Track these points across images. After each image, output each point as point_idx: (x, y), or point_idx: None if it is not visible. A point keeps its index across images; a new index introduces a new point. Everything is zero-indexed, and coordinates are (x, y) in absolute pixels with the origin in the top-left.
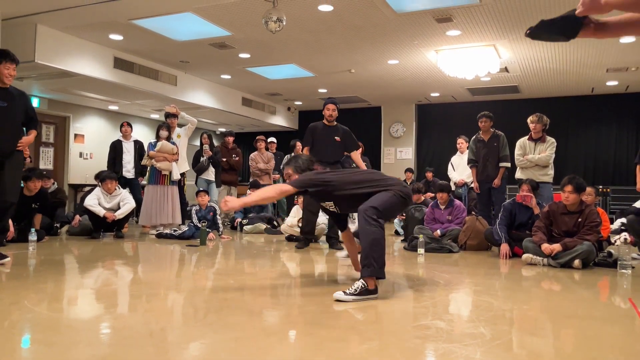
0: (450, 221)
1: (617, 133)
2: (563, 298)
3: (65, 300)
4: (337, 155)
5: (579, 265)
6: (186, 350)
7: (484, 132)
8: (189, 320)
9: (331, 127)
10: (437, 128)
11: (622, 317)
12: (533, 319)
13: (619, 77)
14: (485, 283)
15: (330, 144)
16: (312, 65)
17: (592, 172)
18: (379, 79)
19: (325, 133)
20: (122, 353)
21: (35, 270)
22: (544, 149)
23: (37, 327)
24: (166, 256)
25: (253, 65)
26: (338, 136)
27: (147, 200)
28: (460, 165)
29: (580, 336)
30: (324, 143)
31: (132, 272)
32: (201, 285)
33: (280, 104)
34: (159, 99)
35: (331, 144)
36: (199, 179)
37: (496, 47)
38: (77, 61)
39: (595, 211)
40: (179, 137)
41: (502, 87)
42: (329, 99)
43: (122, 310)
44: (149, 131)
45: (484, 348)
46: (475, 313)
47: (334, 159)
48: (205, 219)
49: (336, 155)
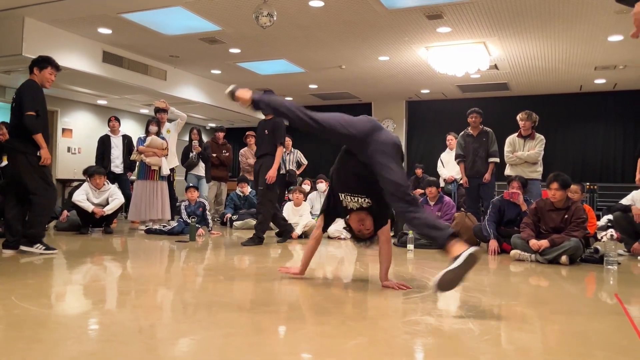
0: (440, 217)
1: (605, 130)
2: (550, 294)
3: (53, 296)
4: (264, 148)
5: (566, 261)
6: (175, 346)
7: (473, 127)
8: (178, 317)
9: (265, 121)
10: (427, 125)
11: (608, 313)
12: (521, 315)
13: (607, 75)
14: (473, 279)
15: (261, 138)
16: (303, 61)
17: (579, 169)
18: (370, 75)
19: (261, 127)
20: (110, 349)
21: (22, 266)
22: (533, 146)
23: (25, 323)
24: (155, 252)
25: (243, 61)
26: (267, 129)
27: (136, 196)
28: (449, 161)
29: (567, 331)
30: (260, 138)
31: (121, 268)
32: (191, 281)
33: None
34: (149, 94)
35: (261, 137)
36: (189, 175)
37: (486, 44)
38: (65, 55)
39: (582, 208)
40: (168, 132)
41: (492, 84)
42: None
43: (110, 306)
44: (138, 126)
45: (473, 343)
46: (464, 309)
47: (260, 153)
48: (194, 214)
49: (263, 148)
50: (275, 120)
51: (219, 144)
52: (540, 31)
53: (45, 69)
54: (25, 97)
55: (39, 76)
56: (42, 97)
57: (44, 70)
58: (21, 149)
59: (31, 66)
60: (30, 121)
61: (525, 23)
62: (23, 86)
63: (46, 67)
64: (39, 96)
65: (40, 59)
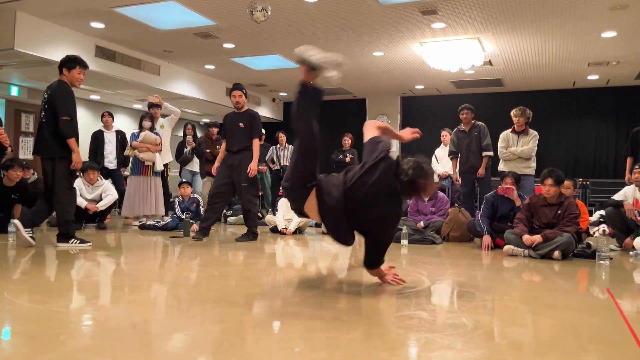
0: (434, 213)
1: (598, 126)
2: (543, 289)
3: (46, 291)
4: (241, 142)
5: (559, 256)
6: (170, 341)
7: (465, 123)
8: (172, 312)
9: (239, 114)
10: (422, 120)
11: (600, 308)
12: (514, 310)
13: (600, 71)
14: (467, 274)
15: (236, 132)
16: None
17: (572, 164)
18: (364, 70)
19: (233, 120)
20: (105, 345)
21: (15, 262)
22: (526, 142)
23: (18, 319)
24: (149, 248)
25: (237, 56)
26: (243, 122)
27: (129, 191)
28: (444, 157)
29: (559, 326)
30: (231, 131)
31: (114, 264)
32: (185, 277)
33: (265, 95)
34: (142, 89)
35: (237, 131)
36: (183, 170)
37: (480, 40)
38: (57, 49)
39: (574, 203)
40: (162, 128)
41: (486, 80)
42: (234, 85)
43: (104, 301)
44: (131, 121)
45: (466, 338)
46: (457, 303)
47: (237, 147)
48: (188, 210)
49: (240, 143)
50: (251, 112)
51: (213, 139)
52: (534, 27)
53: (74, 68)
54: (59, 101)
55: (68, 76)
56: (74, 100)
57: (72, 70)
58: (56, 152)
59: (60, 67)
60: (65, 126)
61: (520, 19)
62: (55, 89)
63: (74, 67)
64: (72, 100)
65: (68, 59)
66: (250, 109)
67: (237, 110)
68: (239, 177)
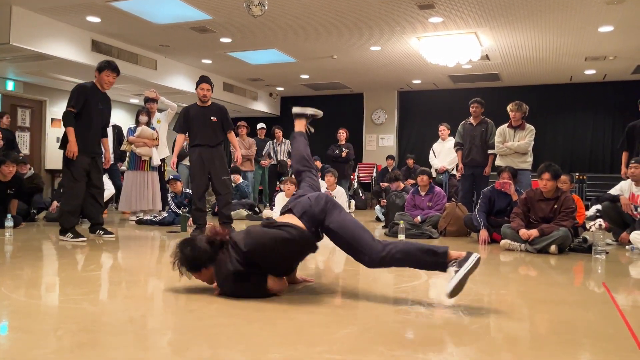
0: (431, 207)
1: (594, 121)
2: (539, 283)
3: (43, 286)
4: (217, 137)
5: (555, 250)
6: (167, 336)
7: (474, 117)
8: (170, 307)
9: (206, 107)
10: (419, 115)
11: (596, 302)
12: (510, 304)
13: (597, 66)
14: None
15: (208, 126)
16: (294, 51)
17: (569, 159)
18: (361, 65)
19: (201, 114)
20: (102, 339)
21: (12, 257)
22: (523, 137)
23: (15, 313)
24: (146, 242)
25: (234, 50)
26: (214, 116)
27: (126, 186)
28: (441, 152)
29: (555, 320)
30: (202, 125)
31: (111, 259)
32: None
33: (262, 90)
34: (139, 84)
35: (209, 125)
36: (180, 165)
37: (477, 34)
38: (53, 44)
39: (571, 198)
40: (158, 123)
41: (483, 75)
42: (202, 77)
43: (101, 296)
44: (128, 116)
45: (462, 332)
46: (454, 298)
47: (215, 142)
48: (182, 204)
49: (217, 137)
50: (219, 105)
51: None
52: (531, 21)
53: (103, 71)
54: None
55: (98, 78)
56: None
57: (102, 73)
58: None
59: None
60: (64, 116)
61: (517, 13)
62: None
63: (104, 70)
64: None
65: (102, 63)
66: (215, 102)
67: (202, 103)
68: (217, 171)
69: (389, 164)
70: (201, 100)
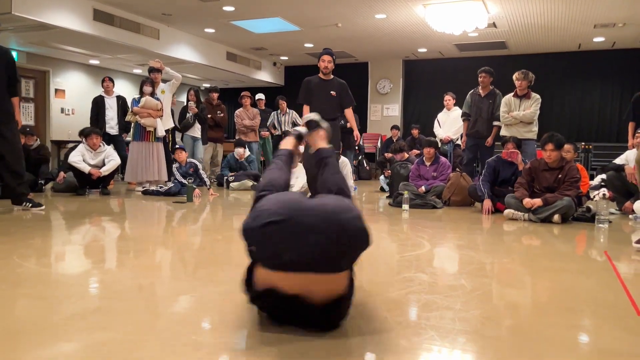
0: (435, 178)
1: (602, 90)
2: (542, 252)
3: (53, 255)
4: (334, 111)
5: (559, 220)
6: (176, 302)
7: (482, 87)
8: (178, 275)
9: (327, 80)
10: (424, 85)
11: (597, 270)
12: (512, 272)
13: (606, 33)
14: (467, 238)
15: (326, 99)
16: (298, 19)
17: (576, 128)
18: (366, 33)
19: (321, 87)
20: (113, 305)
21: (22, 226)
22: (528, 106)
23: (28, 281)
24: (153, 213)
25: (238, 19)
26: (334, 90)
27: (132, 157)
28: (446, 122)
29: (556, 288)
30: (320, 99)
31: (119, 229)
32: (189, 241)
33: (265, 59)
34: (142, 53)
35: (327, 99)
36: (185, 136)
37: (484, 1)
38: (55, 13)
39: (575, 167)
40: (163, 93)
41: (490, 43)
42: (325, 49)
43: (110, 265)
44: (132, 87)
45: (464, 299)
46: (457, 266)
47: (330, 116)
48: (187, 174)
49: (333, 111)
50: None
51: (213, 104)
52: None
53: None
54: None
55: None
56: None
57: None
58: None
59: None
60: None
61: None
62: None
63: None
64: None
65: None
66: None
67: (324, 75)
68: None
69: (394, 135)
70: (323, 72)
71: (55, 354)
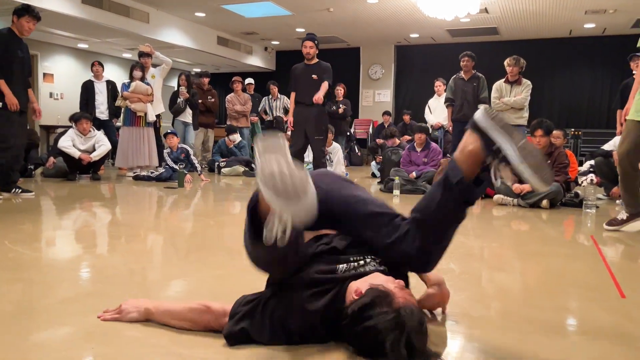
0: (426, 163)
1: (592, 76)
2: (530, 236)
3: (45, 240)
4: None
5: (547, 205)
6: (168, 286)
7: (465, 71)
8: (170, 260)
9: (310, 65)
10: (416, 70)
11: (584, 254)
12: (501, 256)
13: (597, 20)
14: None
15: (308, 84)
16: (290, 3)
17: (566, 114)
18: (358, 18)
19: (305, 72)
20: (106, 290)
21: (12, 211)
22: (519, 92)
23: (20, 266)
24: (144, 198)
25: (228, 3)
26: (315, 74)
27: (122, 142)
28: (437, 108)
29: (544, 271)
30: (302, 84)
31: (110, 214)
32: (181, 226)
33: (257, 44)
34: (131, 37)
35: (309, 83)
36: (176, 121)
37: None
38: None
39: (564, 153)
40: (153, 78)
41: (482, 29)
42: (308, 34)
43: (102, 250)
44: (121, 71)
45: (453, 282)
46: (446, 250)
47: (311, 101)
48: (179, 160)
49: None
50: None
51: (204, 89)
52: None
53: (23, 17)
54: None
55: (16, 24)
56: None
57: (21, 18)
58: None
59: (13, 14)
60: None
61: None
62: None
63: (24, 16)
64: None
65: (20, 7)
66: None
67: (307, 61)
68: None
69: (385, 120)
70: (306, 58)
71: (49, 337)
